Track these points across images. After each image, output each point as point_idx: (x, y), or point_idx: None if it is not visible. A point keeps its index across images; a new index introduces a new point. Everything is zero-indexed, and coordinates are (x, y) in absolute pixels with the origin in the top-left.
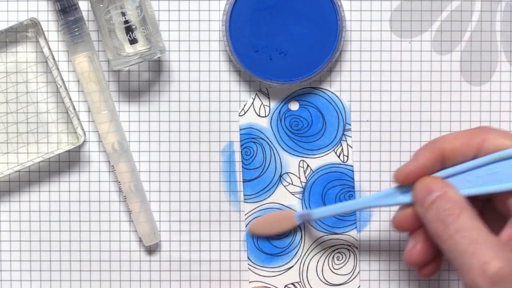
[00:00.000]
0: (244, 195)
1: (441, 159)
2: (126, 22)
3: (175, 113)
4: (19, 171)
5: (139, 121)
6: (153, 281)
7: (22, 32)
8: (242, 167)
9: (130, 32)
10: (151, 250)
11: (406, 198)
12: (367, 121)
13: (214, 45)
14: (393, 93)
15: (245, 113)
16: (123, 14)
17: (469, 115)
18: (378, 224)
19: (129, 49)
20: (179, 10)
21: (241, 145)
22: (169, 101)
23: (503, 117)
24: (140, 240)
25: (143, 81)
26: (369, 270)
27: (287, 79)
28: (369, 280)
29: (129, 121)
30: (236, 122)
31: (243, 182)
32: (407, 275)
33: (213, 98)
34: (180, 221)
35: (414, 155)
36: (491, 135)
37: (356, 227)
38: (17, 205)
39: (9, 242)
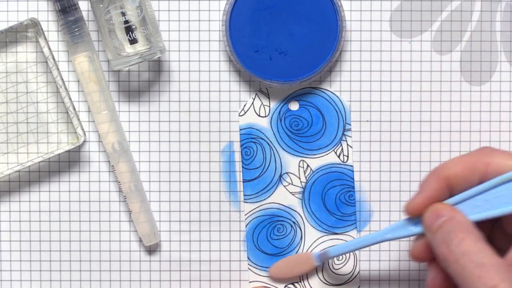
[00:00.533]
0: (244, 195)
1: (447, 187)
2: (126, 22)
3: (175, 113)
4: (19, 171)
5: (139, 121)
6: (153, 281)
7: (22, 32)
8: (242, 167)
9: (130, 32)
10: (151, 250)
11: (417, 229)
12: (367, 121)
13: (214, 45)
14: (393, 93)
15: (245, 113)
16: (123, 14)
17: (469, 115)
18: (378, 224)
19: (129, 49)
20: (179, 10)
21: (241, 145)
22: (169, 101)
23: (503, 117)
24: (140, 240)
25: (143, 81)
26: (369, 270)
27: (287, 79)
28: (369, 280)
29: (129, 121)
30: (236, 122)
31: (243, 182)
32: (407, 275)
33: (213, 98)
34: (180, 221)
35: (420, 186)
36: (495, 158)
37: (356, 227)
38: (17, 205)
39: (9, 242)
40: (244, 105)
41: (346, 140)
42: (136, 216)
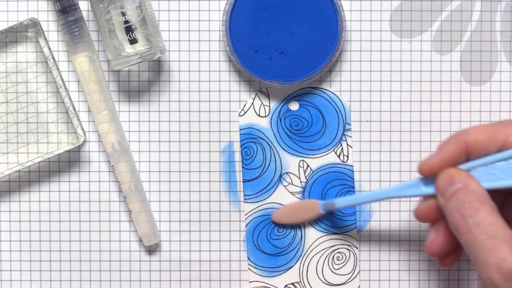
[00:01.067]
0: (244, 195)
1: (466, 152)
2: (126, 22)
3: (175, 113)
4: (19, 171)
5: (139, 121)
6: (153, 281)
7: (22, 32)
8: (242, 167)
9: (130, 32)
10: (151, 250)
11: (429, 189)
12: (367, 121)
13: (214, 45)
14: (393, 93)
15: (245, 113)
16: (123, 14)
17: (469, 115)
18: (378, 224)
19: (129, 49)
20: (179, 10)
21: (241, 145)
22: (169, 101)
23: (503, 117)
24: (140, 240)
25: (143, 81)
26: (369, 270)
27: (287, 79)
28: (369, 280)
29: (129, 121)
30: (236, 122)
31: (243, 182)
32: (407, 275)
33: (213, 98)
34: (180, 221)
35: (438, 147)
36: None
37: (356, 227)
38: (17, 205)
39: (9, 242)
40: (244, 105)
41: (346, 140)
42: (136, 216)
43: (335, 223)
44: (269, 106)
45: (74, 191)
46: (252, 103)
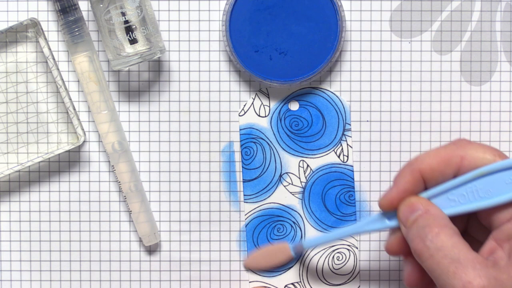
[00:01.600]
0: (244, 195)
1: (422, 180)
2: (126, 22)
3: (175, 113)
4: (19, 171)
5: (139, 121)
6: (153, 281)
7: (22, 32)
8: (242, 167)
9: (130, 32)
10: (151, 250)
11: (392, 222)
12: (367, 121)
13: (214, 45)
14: (393, 93)
15: (245, 113)
16: (123, 14)
17: (469, 115)
18: None
19: (129, 49)
20: (179, 10)
21: (241, 145)
22: (169, 101)
23: (503, 117)
24: (140, 240)
25: (143, 81)
26: (369, 270)
27: (287, 79)
28: (369, 280)
29: (129, 121)
30: (236, 122)
31: (243, 182)
32: None
33: (213, 98)
34: (180, 221)
35: (394, 180)
36: (470, 151)
37: None
38: (17, 205)
39: (9, 242)
40: (244, 105)
41: (346, 140)
42: (136, 216)
43: (335, 223)
44: (269, 106)
45: (74, 191)
46: (252, 103)
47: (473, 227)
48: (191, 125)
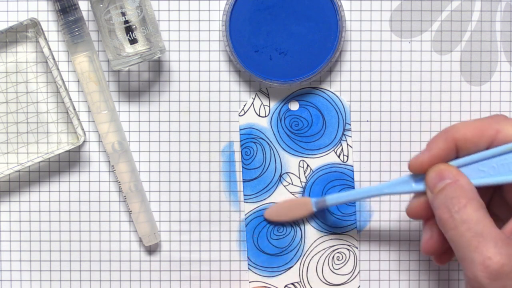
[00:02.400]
0: (244, 195)
1: (455, 148)
2: (126, 22)
3: (175, 113)
4: (19, 171)
5: (139, 121)
6: (153, 281)
7: (22, 32)
8: (242, 167)
9: (130, 32)
10: (151, 250)
11: (419, 186)
12: (367, 121)
13: (214, 45)
14: (393, 93)
15: (245, 113)
16: (123, 14)
17: (469, 115)
18: (378, 224)
19: (129, 49)
20: (179, 10)
21: (241, 145)
22: (169, 101)
23: None
24: (140, 240)
25: (143, 81)
26: (369, 270)
27: (287, 79)
28: (369, 280)
29: (129, 121)
30: (236, 122)
31: (243, 182)
32: (407, 275)
33: (213, 98)
34: (180, 221)
35: (427, 144)
36: (506, 126)
37: (356, 227)
38: (17, 205)
39: (9, 242)
40: (244, 105)
41: (346, 140)
42: (136, 216)
43: (335, 223)
44: (269, 106)
45: (74, 191)
46: (252, 103)
47: (497, 204)
48: (191, 125)
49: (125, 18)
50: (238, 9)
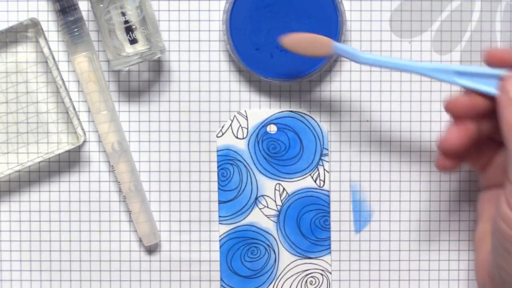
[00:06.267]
0: (219, 216)
1: None
2: (126, 22)
3: (175, 113)
4: (19, 171)
5: (139, 121)
6: (153, 281)
7: (22, 32)
8: (218, 188)
9: (130, 32)
10: (151, 250)
11: (462, 81)
12: (367, 121)
13: (214, 45)
14: (393, 93)
15: (222, 134)
16: (123, 14)
17: None
18: (378, 224)
19: (129, 49)
20: (179, 10)
21: (218, 167)
22: (169, 101)
23: None
24: (140, 240)
25: (143, 81)
26: (369, 271)
27: (288, 77)
28: (369, 280)
29: (129, 121)
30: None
31: (219, 203)
32: (407, 276)
33: (213, 98)
34: (180, 221)
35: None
36: None
37: (329, 252)
38: (17, 205)
39: (9, 242)
40: (222, 127)
41: (323, 165)
42: (136, 216)
43: (310, 247)
44: (247, 128)
45: (74, 191)
46: (230, 124)
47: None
48: (191, 125)
49: (125, 18)
50: (238, 7)
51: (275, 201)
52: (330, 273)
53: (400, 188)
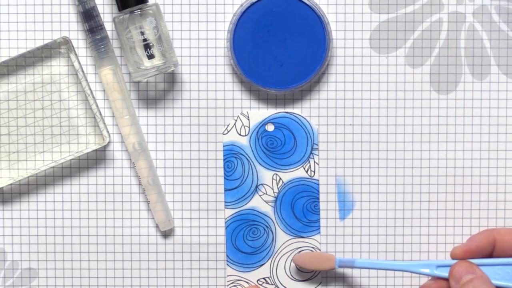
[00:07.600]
0: (225, 202)
1: (493, 246)
2: (144, 40)
3: (187, 118)
4: (53, 167)
5: (156, 125)
6: (168, 261)
7: (56, 48)
8: (224, 178)
9: (148, 49)
10: (166, 234)
11: (440, 273)
12: (350, 124)
13: (220, 60)
14: (373, 101)
15: (228, 132)
16: (142, 33)
17: (437, 119)
18: (360, 212)
19: (147, 63)
20: (189, 30)
21: (224, 159)
22: (182, 107)
23: (466, 121)
24: (157, 226)
25: (159, 90)
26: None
27: (283, 87)
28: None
29: (147, 125)
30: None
31: (225, 191)
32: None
33: (219, 105)
34: (191, 210)
35: (470, 237)
36: None
37: (318, 232)
38: (52, 196)
39: (44, 228)
40: (227, 126)
41: (313, 158)
42: (153, 206)
43: (302, 228)
44: (249, 127)
45: (100, 184)
46: (234, 124)
47: None
48: (200, 128)
49: (143, 37)
50: (240, 28)
51: (272, 189)
52: (319, 250)
53: (378, 182)
